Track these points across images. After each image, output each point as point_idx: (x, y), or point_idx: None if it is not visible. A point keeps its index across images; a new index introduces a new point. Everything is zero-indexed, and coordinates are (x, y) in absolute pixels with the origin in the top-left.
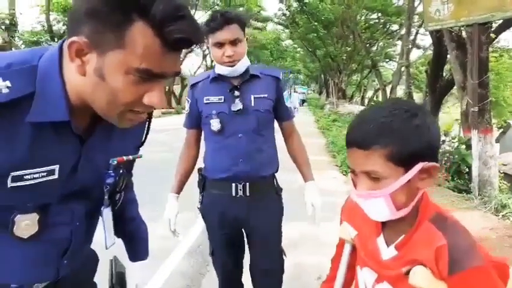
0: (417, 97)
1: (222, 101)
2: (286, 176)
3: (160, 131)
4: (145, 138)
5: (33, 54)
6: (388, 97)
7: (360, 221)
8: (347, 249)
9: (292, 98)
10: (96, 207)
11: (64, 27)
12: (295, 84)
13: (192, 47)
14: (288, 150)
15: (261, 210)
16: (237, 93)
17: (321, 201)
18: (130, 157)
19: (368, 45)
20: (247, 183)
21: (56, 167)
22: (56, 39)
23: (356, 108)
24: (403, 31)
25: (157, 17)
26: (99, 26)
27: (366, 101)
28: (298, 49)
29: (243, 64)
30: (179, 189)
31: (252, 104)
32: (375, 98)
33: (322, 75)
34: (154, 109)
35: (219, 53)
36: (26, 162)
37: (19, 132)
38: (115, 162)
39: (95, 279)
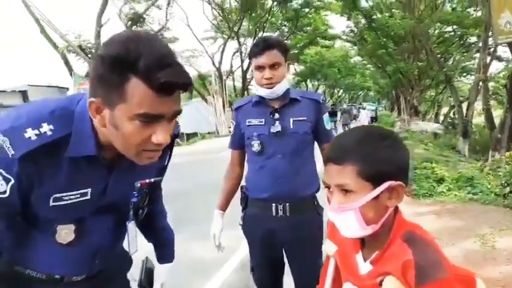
0: (499, 113)
1: (263, 123)
2: None
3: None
4: (167, 163)
5: (72, 100)
6: (465, 114)
7: (341, 238)
8: (332, 264)
9: (360, 116)
10: (122, 220)
11: None
12: (365, 102)
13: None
14: None
15: (301, 230)
16: (276, 116)
17: None
18: (152, 180)
19: (442, 59)
20: (287, 204)
21: (89, 190)
22: None
23: (429, 126)
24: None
25: (143, 70)
26: (106, 88)
27: (441, 118)
28: (368, 65)
29: (282, 86)
30: (224, 207)
31: (291, 126)
32: (451, 115)
33: (393, 92)
34: (162, 146)
35: (259, 76)
36: (65, 187)
37: (60, 164)
38: (139, 185)
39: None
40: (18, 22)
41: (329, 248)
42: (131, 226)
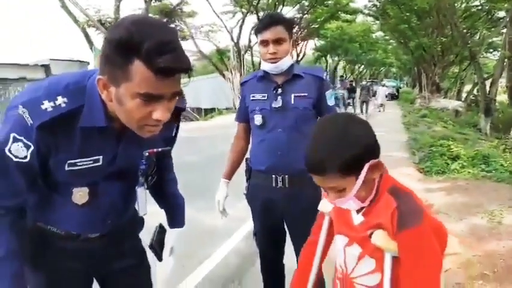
0: None
1: (265, 98)
2: None
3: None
4: (175, 134)
5: (84, 76)
6: (488, 91)
7: None
8: (326, 220)
9: (378, 93)
10: (132, 185)
11: None
12: (387, 78)
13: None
14: None
15: (299, 203)
16: (279, 91)
17: None
18: (159, 149)
19: (468, 34)
20: (286, 176)
21: (100, 157)
22: None
23: (450, 103)
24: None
25: (145, 54)
26: (112, 68)
27: (463, 95)
28: (390, 41)
29: (286, 62)
30: (229, 176)
31: (292, 102)
32: (475, 92)
33: (415, 68)
34: (162, 122)
35: (264, 51)
36: (78, 154)
37: (74, 134)
38: (147, 154)
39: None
40: None
41: (324, 206)
42: (141, 191)
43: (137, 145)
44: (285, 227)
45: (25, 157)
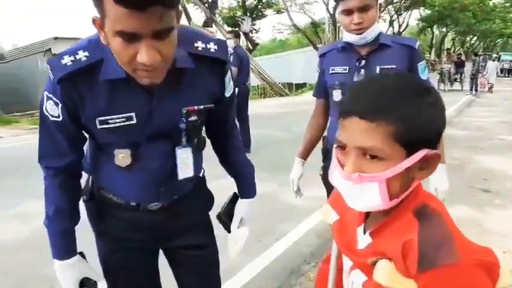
0: None
1: (347, 71)
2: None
3: None
4: (226, 94)
5: None
6: None
7: (344, 206)
8: (335, 246)
9: (487, 68)
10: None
11: (255, 2)
12: (504, 51)
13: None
14: None
15: None
16: (362, 63)
17: (448, 187)
18: (201, 107)
19: None
20: None
21: (133, 114)
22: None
23: None
24: None
25: None
26: (95, 3)
27: None
28: (511, 9)
29: (373, 31)
30: (304, 155)
31: None
32: None
33: None
34: (151, 67)
35: (347, 21)
36: (107, 110)
37: (98, 88)
38: (185, 111)
39: None
40: None
41: (327, 214)
42: (181, 152)
43: (174, 101)
44: None
45: (58, 116)
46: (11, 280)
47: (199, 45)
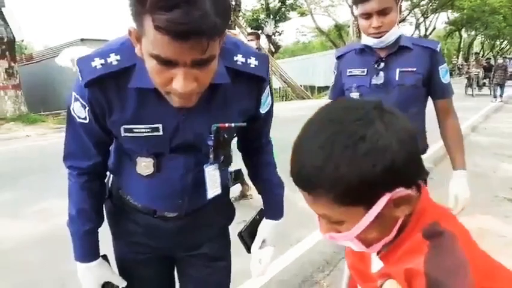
0: None
1: (365, 73)
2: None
3: None
4: (261, 112)
5: None
6: None
7: None
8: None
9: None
10: (202, 162)
11: (279, 4)
12: None
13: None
14: (440, 132)
15: None
16: (381, 65)
17: (468, 194)
18: (232, 125)
19: None
20: None
21: (160, 126)
22: (271, 16)
23: None
24: None
25: (149, 8)
26: (134, 17)
27: None
28: None
29: (392, 35)
30: None
31: (396, 78)
32: None
33: None
34: (186, 95)
35: (366, 24)
36: (133, 119)
37: (127, 96)
38: (215, 127)
39: None
40: None
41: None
42: (209, 170)
43: (204, 116)
44: None
45: (85, 118)
46: (24, 277)
47: (239, 59)
